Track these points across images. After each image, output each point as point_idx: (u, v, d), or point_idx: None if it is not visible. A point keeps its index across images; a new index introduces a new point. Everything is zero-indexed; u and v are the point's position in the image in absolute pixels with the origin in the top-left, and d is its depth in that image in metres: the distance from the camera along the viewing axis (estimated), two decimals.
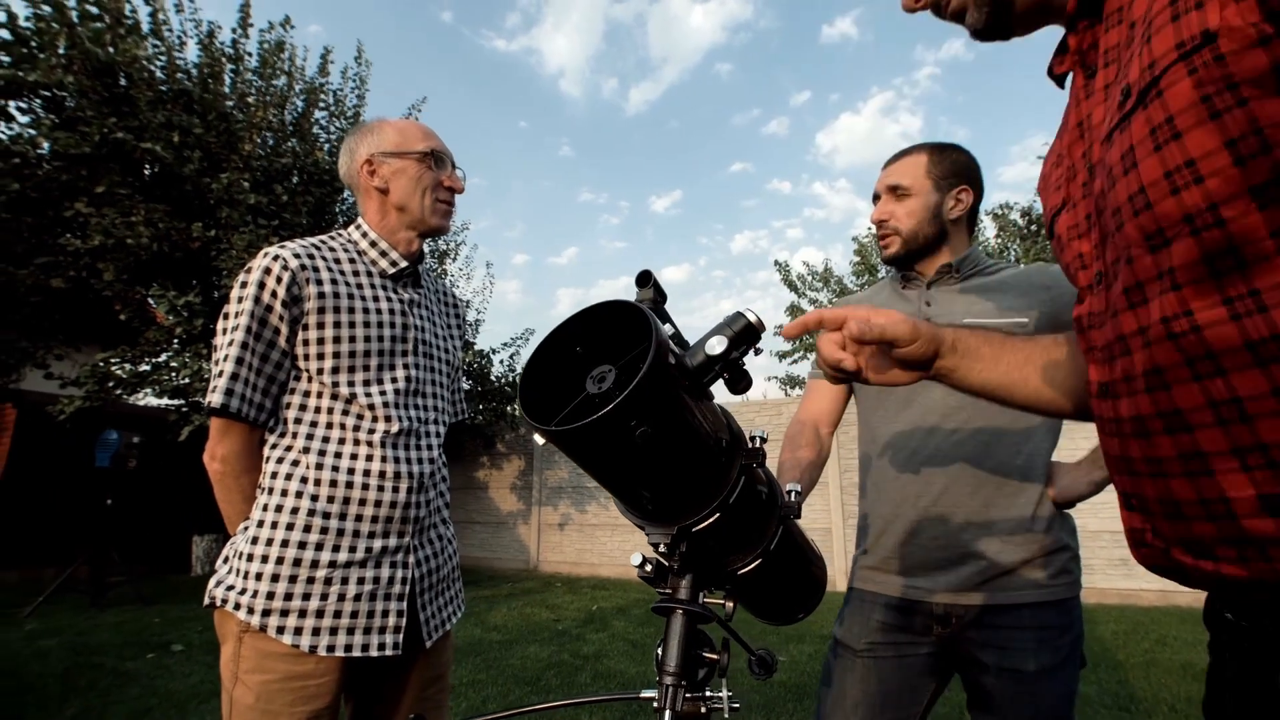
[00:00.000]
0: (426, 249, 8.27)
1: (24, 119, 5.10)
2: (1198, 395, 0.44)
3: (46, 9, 4.92)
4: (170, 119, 5.09)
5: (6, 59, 4.76)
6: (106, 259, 4.82)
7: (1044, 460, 1.09)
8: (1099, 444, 1.08)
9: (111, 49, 4.86)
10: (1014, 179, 28.43)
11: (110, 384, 5.22)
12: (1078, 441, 1.81)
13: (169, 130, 5.06)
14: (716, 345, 0.64)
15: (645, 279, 0.71)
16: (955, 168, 1.19)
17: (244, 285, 1.03)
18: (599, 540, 8.05)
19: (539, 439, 0.58)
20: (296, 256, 1.04)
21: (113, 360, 5.15)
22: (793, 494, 0.82)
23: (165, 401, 5.76)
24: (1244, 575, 0.45)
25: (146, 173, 5.33)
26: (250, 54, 6.10)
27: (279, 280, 1.02)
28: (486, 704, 3.08)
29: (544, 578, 7.91)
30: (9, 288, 5.11)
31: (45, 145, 4.94)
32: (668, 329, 0.65)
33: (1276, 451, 0.41)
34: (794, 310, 9.98)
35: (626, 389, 0.53)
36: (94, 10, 5.06)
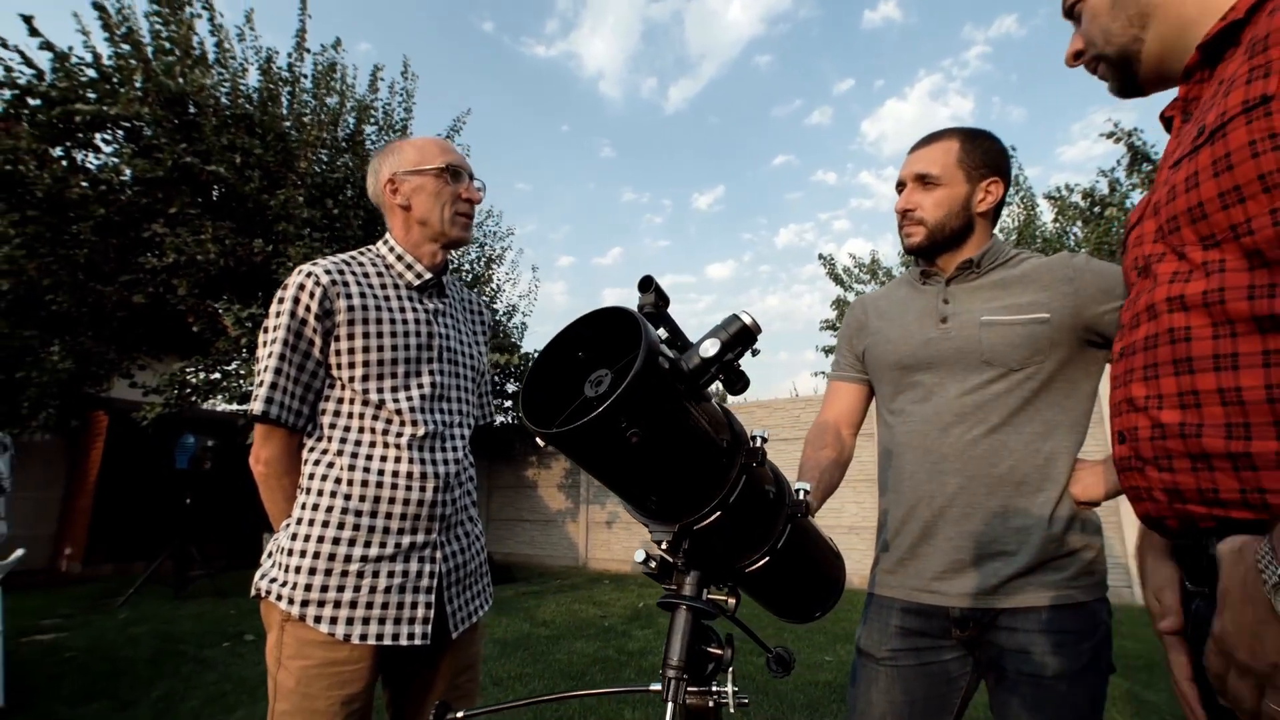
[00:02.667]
0: (473, 255, 8.54)
1: (108, 149, 5.55)
2: (1209, 348, 0.59)
3: (125, 47, 5.33)
4: (233, 141, 5.42)
5: (93, 95, 5.18)
6: (180, 275, 5.19)
7: (1066, 459, 1.05)
8: None
9: (181, 80, 5.22)
10: (1075, 159, 26.76)
11: (187, 391, 5.61)
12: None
13: (232, 152, 5.39)
14: (710, 348, 0.65)
15: (646, 284, 0.73)
16: (988, 157, 1.13)
17: (280, 301, 1.11)
18: (646, 538, 8.10)
19: (539, 441, 0.61)
20: (328, 273, 1.11)
21: (188, 369, 5.53)
22: (801, 493, 0.82)
23: (235, 407, 6.14)
24: (1192, 485, 0.61)
25: (214, 194, 5.70)
26: (305, 75, 6.43)
27: (312, 296, 1.09)
28: (533, 697, 3.17)
29: (592, 574, 8.01)
30: (98, 305, 5.57)
31: (127, 172, 5.36)
32: (662, 333, 0.67)
33: (1247, 393, 0.56)
34: (840, 304, 9.75)
35: (615, 392, 0.55)
36: (166, 45, 5.45)
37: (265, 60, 6.15)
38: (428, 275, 1.23)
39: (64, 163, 5.24)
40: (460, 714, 0.79)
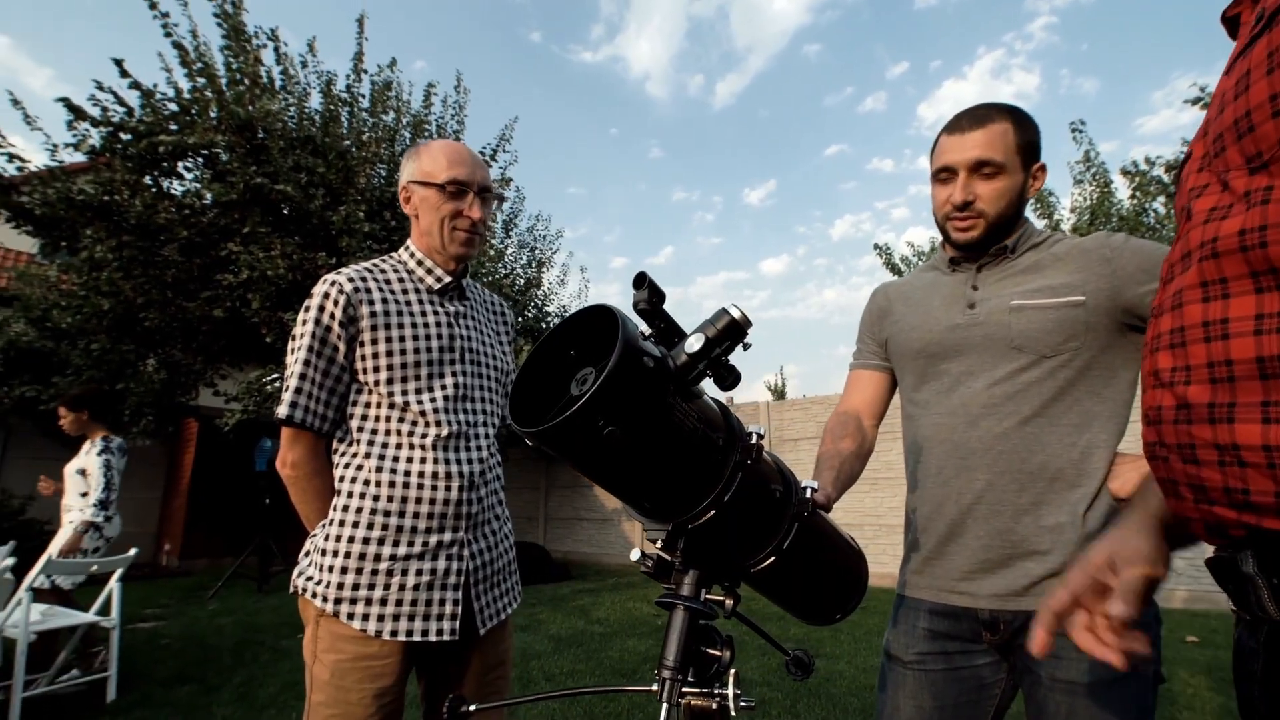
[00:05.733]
0: (524, 260, 8.70)
1: (189, 176, 6.01)
2: (1250, 306, 0.46)
3: (201, 80, 5.76)
4: (298, 162, 5.76)
5: (174, 127, 5.62)
6: (253, 290, 5.55)
7: (1105, 452, 0.97)
8: None
9: (251, 108, 5.59)
10: (1157, 130, 24.63)
11: (263, 398, 6.00)
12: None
13: (298, 172, 5.73)
14: (694, 343, 0.64)
15: (640, 281, 0.72)
16: (1035, 141, 1.05)
17: (306, 309, 1.15)
18: None
19: (527, 441, 0.62)
20: (350, 281, 1.15)
21: (265, 378, 5.91)
22: (809, 491, 0.80)
23: None
24: (1218, 482, 0.49)
25: (284, 212, 6.07)
26: (363, 96, 6.76)
27: (336, 303, 1.13)
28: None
29: None
30: (185, 320, 6.03)
31: (208, 196, 5.79)
32: (645, 329, 0.66)
33: None
34: None
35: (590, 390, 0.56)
36: (237, 76, 5.85)
37: (326, 84, 6.51)
38: (447, 279, 1.25)
39: (153, 190, 5.71)
40: (473, 707, 0.81)
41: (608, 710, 2.97)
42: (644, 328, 0.68)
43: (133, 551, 3.62)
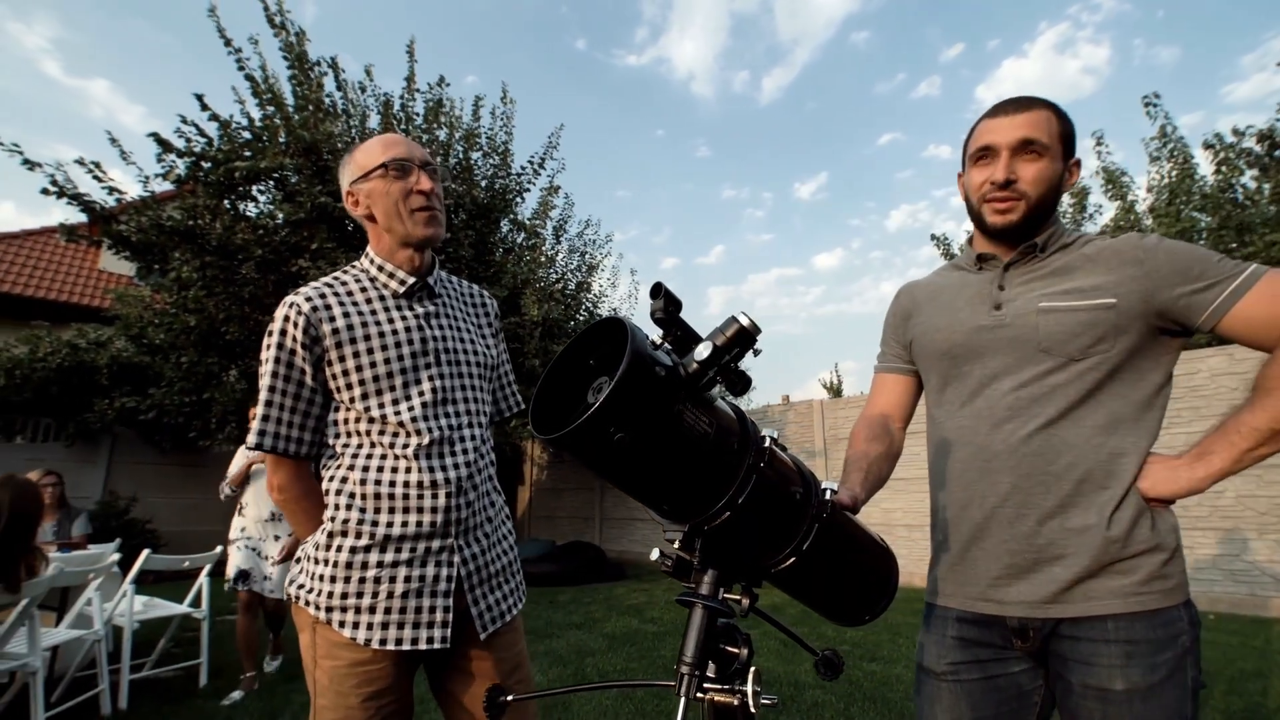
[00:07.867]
0: (574, 264, 8.82)
1: (263, 199, 6.45)
2: None
3: (270, 109, 6.17)
4: None
5: (248, 153, 6.05)
6: None
7: (1134, 455, 0.93)
8: (1205, 436, 0.93)
9: (315, 130, 5.94)
10: (1248, 97, 22.36)
11: None
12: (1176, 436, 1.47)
13: None
14: (703, 351, 0.67)
15: (656, 291, 0.75)
16: (1073, 135, 1.04)
17: (270, 334, 1.13)
18: None
19: (552, 448, 0.66)
20: (308, 300, 1.12)
21: None
22: (828, 493, 0.81)
23: None
24: None
25: (349, 228, 6.42)
26: (417, 114, 7.06)
27: (296, 325, 1.10)
28: (635, 691, 3.25)
29: None
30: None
31: (280, 216, 6.19)
32: (658, 338, 0.69)
33: None
34: None
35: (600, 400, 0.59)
36: (303, 102, 6.23)
37: (383, 105, 6.84)
38: (411, 280, 1.21)
39: (231, 213, 6.16)
40: (510, 697, 0.86)
41: (659, 709, 3.00)
42: (660, 336, 0.71)
43: (218, 549, 3.92)
